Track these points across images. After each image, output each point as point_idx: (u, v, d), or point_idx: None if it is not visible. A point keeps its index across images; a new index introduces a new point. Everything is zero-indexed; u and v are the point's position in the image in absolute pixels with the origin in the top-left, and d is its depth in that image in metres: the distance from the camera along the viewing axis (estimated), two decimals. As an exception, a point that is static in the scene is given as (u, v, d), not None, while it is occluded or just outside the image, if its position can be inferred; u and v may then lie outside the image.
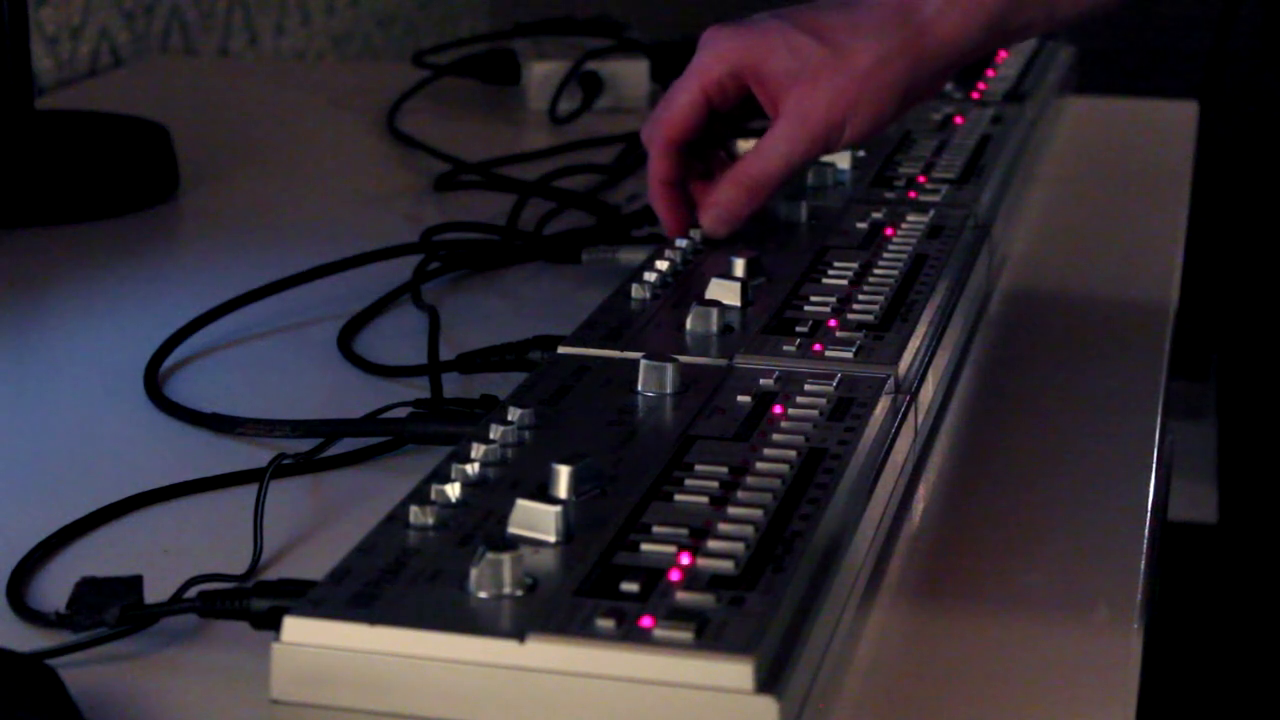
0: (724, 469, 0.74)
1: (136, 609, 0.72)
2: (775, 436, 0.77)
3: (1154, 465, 0.91)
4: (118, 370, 0.99)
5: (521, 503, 0.69)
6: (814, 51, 0.97)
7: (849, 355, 0.86)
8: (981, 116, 1.26)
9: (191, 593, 0.73)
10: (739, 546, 0.68)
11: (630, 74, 1.55)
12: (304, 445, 0.89)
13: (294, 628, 0.64)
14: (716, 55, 0.99)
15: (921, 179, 1.12)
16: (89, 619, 0.72)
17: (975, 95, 1.33)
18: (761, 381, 0.83)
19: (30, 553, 0.79)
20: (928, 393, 0.88)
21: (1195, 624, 1.71)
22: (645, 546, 0.68)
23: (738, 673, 0.61)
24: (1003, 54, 1.43)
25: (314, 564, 0.71)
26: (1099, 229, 1.28)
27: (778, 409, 0.80)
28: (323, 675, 0.63)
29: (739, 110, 1.01)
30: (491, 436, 0.76)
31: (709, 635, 0.62)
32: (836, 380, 0.83)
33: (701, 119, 1.00)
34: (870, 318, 0.90)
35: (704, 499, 0.71)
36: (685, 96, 0.99)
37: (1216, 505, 1.76)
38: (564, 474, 0.72)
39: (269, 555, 0.80)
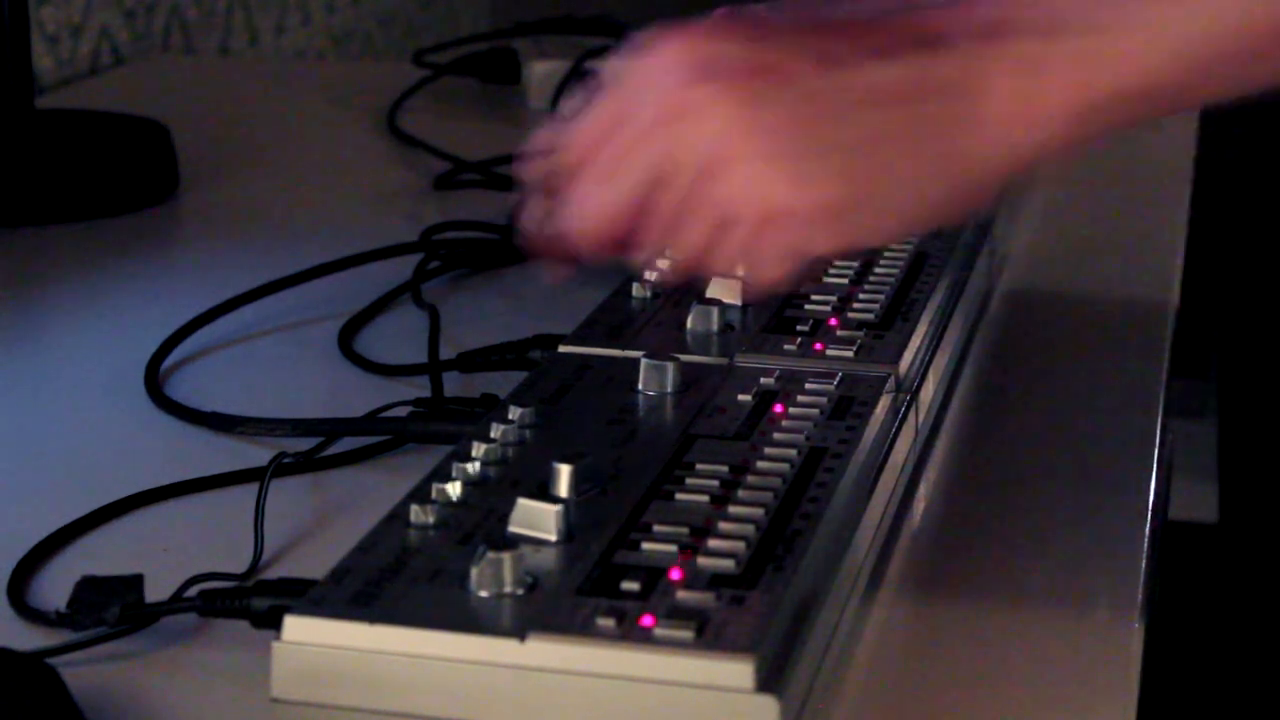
0: (725, 468, 0.74)
1: (137, 608, 0.72)
2: (776, 435, 0.77)
3: (1154, 465, 0.91)
4: (118, 369, 0.99)
5: (522, 501, 0.69)
6: None
7: (850, 354, 0.86)
8: (982, 116, 1.26)
9: (192, 592, 0.73)
10: (740, 545, 0.68)
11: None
12: (304, 444, 0.89)
13: (294, 627, 0.64)
14: None
15: (922, 178, 1.12)
16: (89, 618, 0.72)
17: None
18: (762, 380, 0.83)
19: (30, 552, 0.79)
20: (928, 392, 0.88)
21: (1195, 624, 1.71)
22: (646, 545, 0.68)
23: (738, 672, 0.61)
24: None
25: (314, 563, 0.71)
26: (1099, 229, 1.28)
27: (778, 408, 0.80)
28: (323, 674, 0.63)
29: None
30: (492, 435, 0.76)
31: (709, 634, 0.62)
32: (837, 379, 0.83)
33: None
34: (871, 316, 0.90)
35: (705, 498, 0.71)
36: None
37: (1217, 505, 1.76)
38: (564, 473, 0.72)
39: (269, 554, 0.80)
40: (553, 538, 0.68)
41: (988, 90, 0.68)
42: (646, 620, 0.63)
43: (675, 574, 0.66)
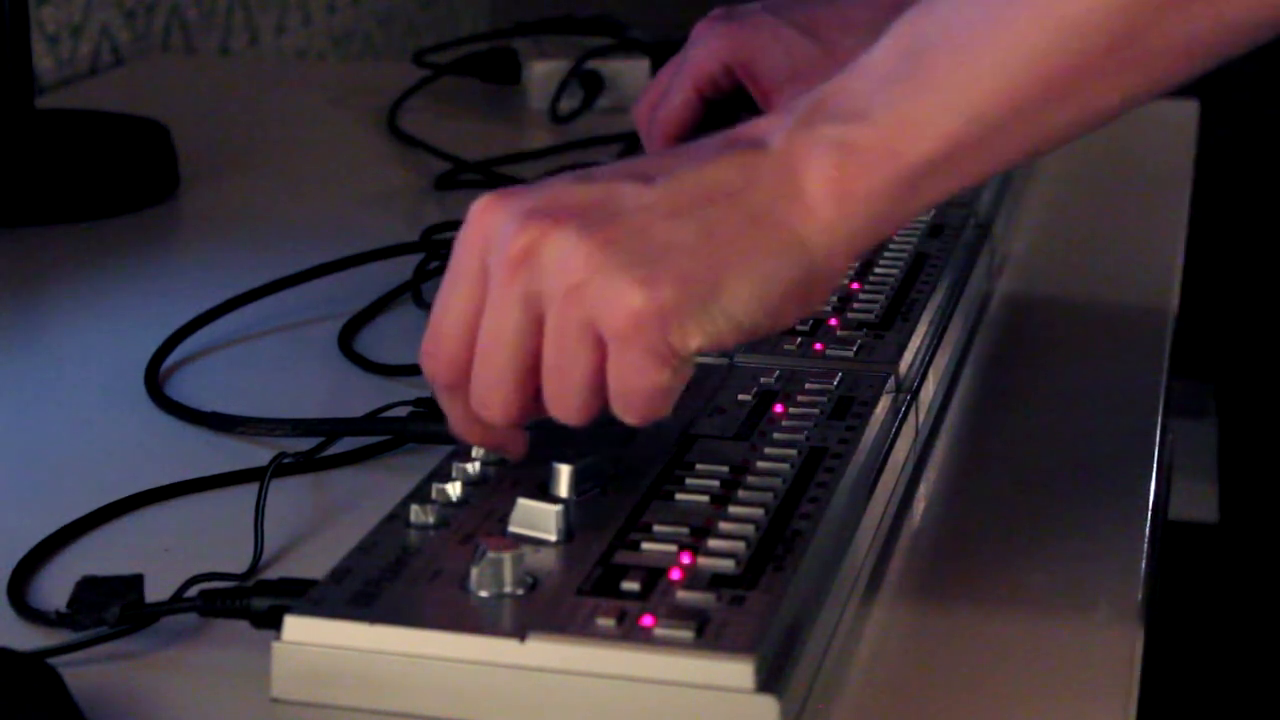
0: (725, 468, 0.74)
1: (137, 608, 0.72)
2: (776, 435, 0.77)
3: (1154, 465, 0.91)
4: (118, 370, 0.99)
5: (522, 501, 0.69)
6: (806, 49, 0.97)
7: (850, 354, 0.86)
8: (982, 116, 1.26)
9: (192, 592, 0.73)
10: (740, 545, 0.68)
11: (631, 73, 1.55)
12: (304, 444, 0.89)
13: (294, 627, 0.64)
14: (709, 52, 0.99)
15: (922, 178, 1.12)
16: (89, 618, 0.72)
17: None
18: (762, 380, 0.83)
19: (30, 552, 0.79)
20: (928, 392, 0.88)
21: (1195, 624, 1.71)
22: (646, 545, 0.68)
23: (738, 672, 0.61)
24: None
25: (314, 563, 0.71)
26: (1099, 229, 1.28)
27: (778, 408, 0.80)
28: (323, 674, 0.63)
29: (731, 97, 1.01)
30: (492, 436, 0.76)
31: (710, 634, 0.62)
32: (837, 379, 0.83)
33: (697, 114, 1.00)
34: (871, 317, 0.90)
35: (705, 498, 0.71)
36: (679, 95, 1.00)
37: (1217, 504, 1.75)
38: (564, 473, 0.72)
39: (269, 554, 0.80)
40: (553, 538, 0.68)
41: (807, 175, 0.70)
42: (647, 620, 0.63)
43: (675, 574, 0.66)
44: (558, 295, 0.68)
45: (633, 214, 0.69)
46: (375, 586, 0.65)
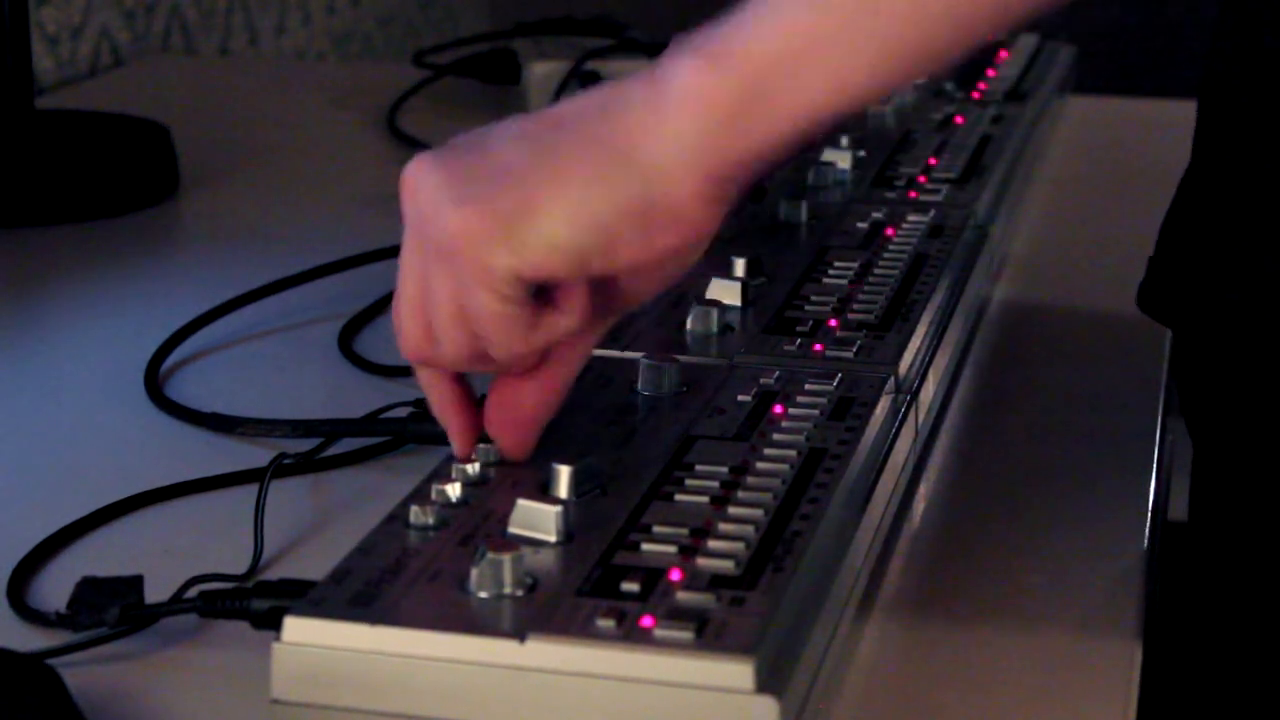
0: (724, 469, 0.74)
1: (137, 609, 0.72)
2: (775, 436, 0.77)
3: (1154, 465, 0.91)
4: (118, 370, 0.99)
5: (522, 502, 0.69)
6: None
7: (849, 355, 0.86)
8: (982, 116, 1.26)
9: (192, 592, 0.73)
10: (739, 546, 0.68)
11: (631, 74, 1.55)
12: (304, 445, 0.89)
13: (294, 628, 0.64)
14: None
15: (922, 179, 1.12)
16: (89, 619, 0.72)
17: (975, 95, 1.33)
18: (762, 381, 0.83)
19: (30, 553, 0.80)
20: (928, 392, 0.88)
21: (1195, 624, 1.71)
22: (646, 546, 0.68)
23: (738, 673, 0.61)
24: (1003, 53, 1.43)
25: (314, 564, 0.71)
26: (1099, 229, 1.28)
27: (778, 409, 0.80)
28: (323, 675, 0.63)
29: None
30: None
31: (709, 635, 0.62)
32: (837, 380, 0.83)
33: None
34: (870, 317, 0.90)
35: (704, 499, 0.71)
36: None
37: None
38: (564, 474, 0.72)
39: (269, 555, 0.80)
40: (552, 539, 0.68)
41: (669, 85, 0.70)
42: (646, 621, 0.63)
43: (675, 575, 0.66)
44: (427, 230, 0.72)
45: (490, 142, 0.70)
46: (375, 587, 0.65)
